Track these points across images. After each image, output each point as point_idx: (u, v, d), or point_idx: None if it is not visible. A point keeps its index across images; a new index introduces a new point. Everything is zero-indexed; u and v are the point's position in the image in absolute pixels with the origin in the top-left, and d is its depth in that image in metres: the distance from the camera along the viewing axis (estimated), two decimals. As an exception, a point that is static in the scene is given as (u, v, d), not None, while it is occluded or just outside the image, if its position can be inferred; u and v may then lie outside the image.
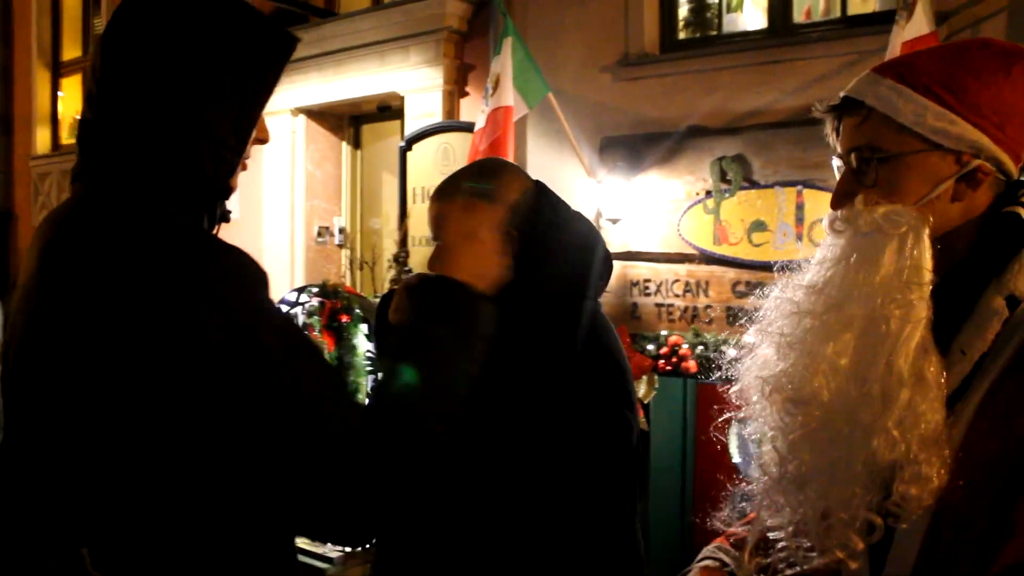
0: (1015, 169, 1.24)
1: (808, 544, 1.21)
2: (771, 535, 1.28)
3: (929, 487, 1.10)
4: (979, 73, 1.20)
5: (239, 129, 1.37)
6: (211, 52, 1.32)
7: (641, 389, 5.18)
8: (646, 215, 5.81)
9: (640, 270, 5.84)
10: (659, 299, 5.69)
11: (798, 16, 5.71)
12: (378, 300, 2.25)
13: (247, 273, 1.23)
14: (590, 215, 6.08)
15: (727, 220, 5.45)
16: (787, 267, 1.33)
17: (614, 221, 5.92)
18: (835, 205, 1.29)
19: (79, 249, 1.21)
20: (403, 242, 6.53)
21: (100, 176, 1.29)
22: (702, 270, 5.54)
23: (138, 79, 1.29)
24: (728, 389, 1.36)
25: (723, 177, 5.46)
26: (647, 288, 5.79)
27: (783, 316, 1.26)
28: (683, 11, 6.18)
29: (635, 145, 5.86)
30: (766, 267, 5.18)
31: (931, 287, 1.17)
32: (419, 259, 6.62)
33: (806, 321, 1.22)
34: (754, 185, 5.38)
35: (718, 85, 5.64)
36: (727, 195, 5.45)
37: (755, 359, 1.30)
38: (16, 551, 1.25)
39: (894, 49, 4.11)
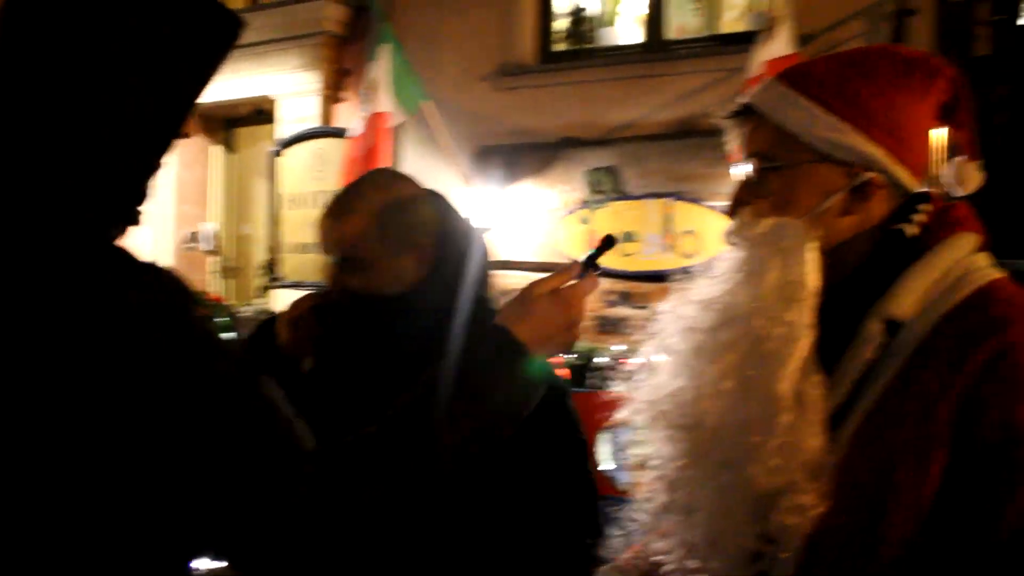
0: (912, 181, 1.16)
1: (694, 570, 1.16)
2: (660, 561, 1.23)
3: (808, 515, 1.05)
4: (874, 81, 1.14)
5: (168, 127, 1.14)
6: (142, 34, 1.08)
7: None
8: (521, 224, 5.83)
9: (514, 279, 5.84)
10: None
11: (671, 32, 5.85)
12: (247, 308, 2.13)
13: (172, 297, 1.05)
14: (465, 224, 6.06)
15: (600, 230, 5.52)
16: (685, 279, 1.25)
17: (489, 230, 5.90)
18: (730, 215, 1.23)
19: None
20: (273, 248, 6.37)
21: (4, 180, 1.08)
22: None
23: (48, 64, 1.06)
24: (598, 397, 1.31)
25: (596, 188, 5.53)
26: (521, 297, 5.81)
27: (675, 332, 1.19)
28: (560, 24, 6.25)
29: (511, 154, 5.88)
30: (636, 277, 5.27)
31: (817, 305, 1.11)
32: (291, 267, 6.47)
33: (696, 338, 1.16)
34: (626, 196, 5.48)
35: (593, 97, 5.72)
36: (600, 205, 5.53)
37: (647, 379, 1.22)
38: None
39: (754, 68, 4.24)
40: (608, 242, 1.25)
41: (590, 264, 1.21)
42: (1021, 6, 4.75)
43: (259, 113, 7.67)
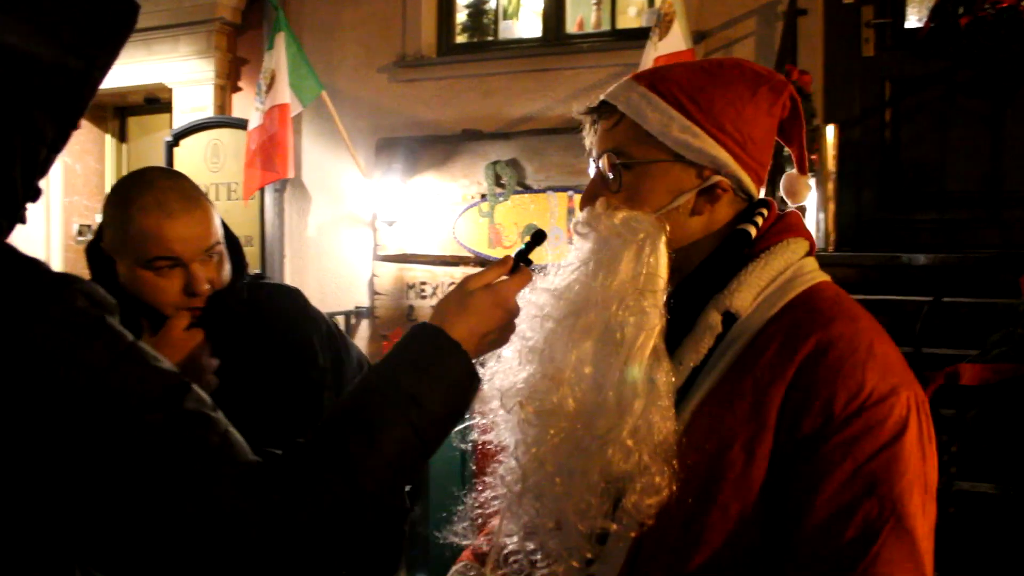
0: (755, 188, 1.24)
1: (537, 553, 1.19)
2: (504, 544, 1.25)
3: (659, 497, 1.08)
4: (727, 91, 1.19)
5: (62, 121, 1.05)
6: (35, 21, 0.99)
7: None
8: (422, 217, 5.79)
9: (416, 273, 5.81)
10: (435, 301, 5.66)
11: (571, 27, 5.88)
12: None
13: (90, 312, 0.96)
14: (366, 217, 6.00)
15: (501, 223, 5.52)
16: (538, 269, 1.28)
17: (390, 223, 5.86)
18: (582, 206, 1.27)
19: None
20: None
21: None
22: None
23: None
24: None
25: (497, 181, 5.52)
26: (423, 291, 5.79)
27: (527, 319, 1.22)
28: (461, 15, 6.22)
29: (411, 147, 5.83)
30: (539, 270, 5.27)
31: (665, 296, 1.16)
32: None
33: (548, 326, 1.18)
34: (528, 189, 5.48)
35: (493, 90, 5.71)
36: (501, 199, 5.52)
37: (498, 365, 1.24)
38: None
39: (647, 63, 4.29)
40: (538, 237, 1.27)
41: (522, 259, 1.23)
42: (907, 10, 4.93)
43: (151, 102, 7.43)
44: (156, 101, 7.36)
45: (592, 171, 1.28)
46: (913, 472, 1.02)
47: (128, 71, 6.90)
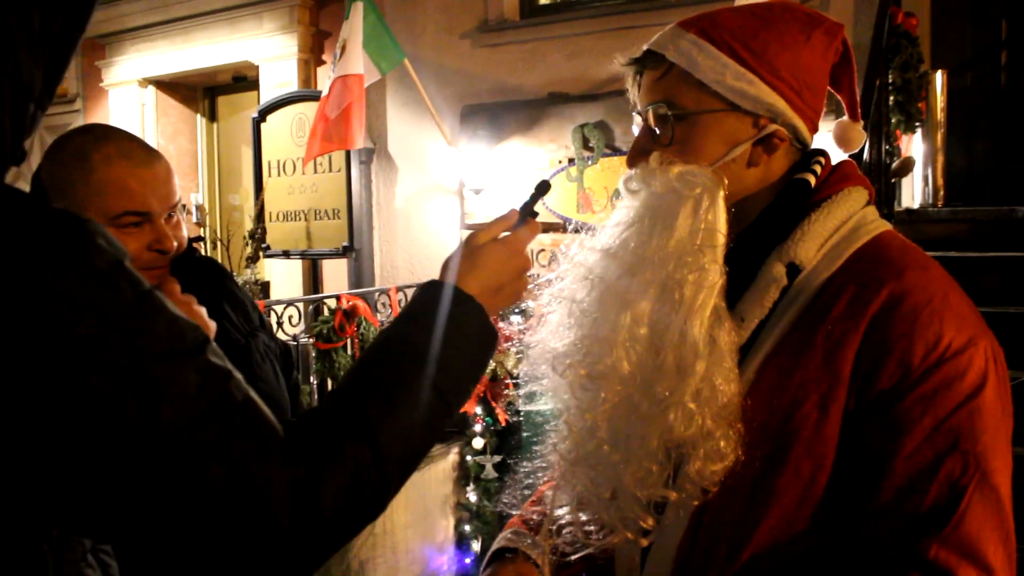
0: (810, 137, 1.20)
1: (592, 524, 1.16)
2: (558, 516, 1.22)
3: (725, 463, 1.05)
4: (781, 35, 1.14)
5: (49, 75, 0.94)
6: None
7: (510, 361, 5.09)
8: (509, 184, 5.69)
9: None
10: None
11: (657, -19, 5.66)
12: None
13: (109, 254, 0.84)
14: (452, 186, 5.94)
15: (590, 187, 5.38)
16: (583, 228, 1.25)
17: (477, 191, 5.78)
18: (631, 163, 1.22)
19: None
20: (259, 218, 6.23)
21: None
22: (567, 239, 5.45)
23: None
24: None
25: (585, 144, 5.38)
26: (512, 259, 5.70)
27: (576, 281, 1.17)
28: (543, -24, 6.06)
29: (496, 113, 5.73)
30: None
31: (724, 253, 1.12)
32: (277, 236, 6.35)
33: (599, 287, 1.14)
34: (617, 152, 5.33)
35: (579, 51, 5.56)
36: (590, 162, 5.38)
37: (546, 329, 1.20)
38: None
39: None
40: (542, 187, 1.21)
41: (527, 211, 1.18)
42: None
43: (238, 80, 7.51)
44: (243, 79, 7.44)
45: (637, 126, 1.24)
46: (995, 427, 0.99)
47: (215, 50, 6.99)
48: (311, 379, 4.50)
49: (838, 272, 1.09)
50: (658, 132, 1.18)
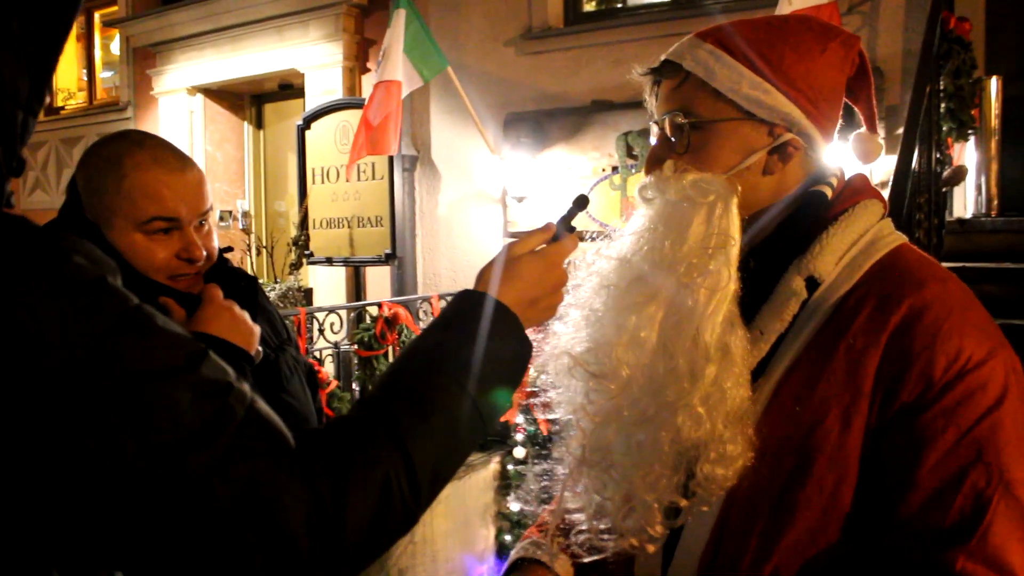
0: (824, 148, 1.21)
1: (606, 528, 1.16)
2: (573, 519, 1.22)
3: (735, 467, 1.06)
4: (796, 46, 1.16)
5: (35, 80, 0.89)
6: None
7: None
8: (552, 192, 5.66)
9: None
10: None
11: (703, -13, 5.61)
12: (275, 287, 1.98)
13: (88, 271, 0.81)
14: (495, 194, 5.93)
15: (634, 196, 5.33)
16: (603, 235, 1.24)
17: (520, 199, 5.76)
18: (647, 172, 1.23)
19: None
20: (302, 224, 6.27)
21: None
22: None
23: None
24: None
25: (629, 152, 5.34)
26: (555, 267, 5.68)
27: (593, 288, 1.19)
28: (587, -17, 6.03)
29: (539, 121, 5.71)
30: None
31: (739, 262, 1.12)
32: (321, 242, 6.39)
33: (611, 291, 1.15)
34: (660, 160, 5.26)
35: (623, 58, 5.51)
36: (633, 170, 5.34)
37: (561, 334, 1.20)
38: None
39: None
40: (581, 202, 1.20)
41: (565, 225, 1.17)
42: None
43: (284, 88, 7.58)
44: (289, 86, 7.51)
45: (654, 135, 1.25)
46: (1017, 437, 0.99)
47: (262, 58, 7.06)
48: (352, 386, 4.51)
49: (857, 285, 1.10)
50: (674, 140, 1.19)
